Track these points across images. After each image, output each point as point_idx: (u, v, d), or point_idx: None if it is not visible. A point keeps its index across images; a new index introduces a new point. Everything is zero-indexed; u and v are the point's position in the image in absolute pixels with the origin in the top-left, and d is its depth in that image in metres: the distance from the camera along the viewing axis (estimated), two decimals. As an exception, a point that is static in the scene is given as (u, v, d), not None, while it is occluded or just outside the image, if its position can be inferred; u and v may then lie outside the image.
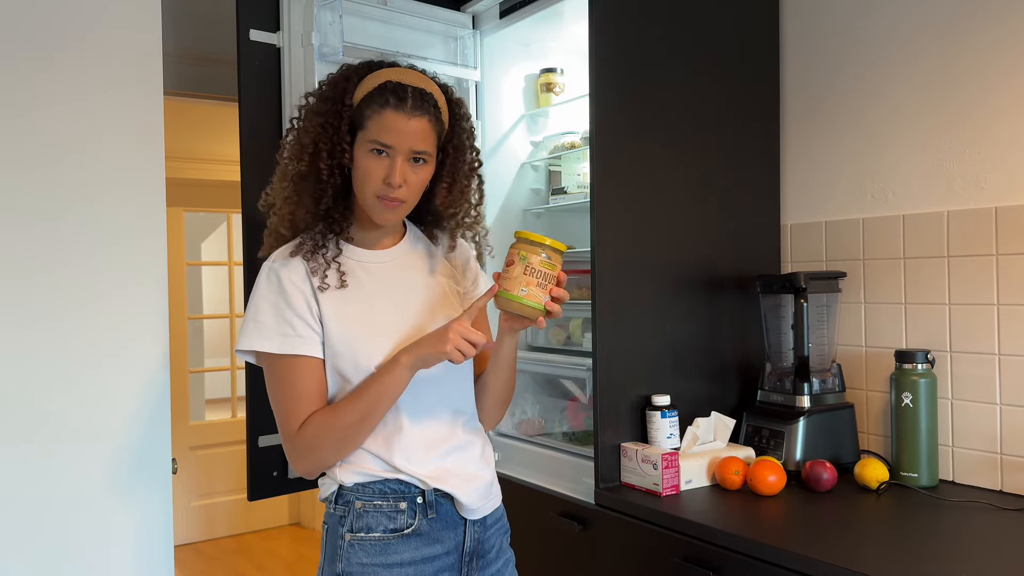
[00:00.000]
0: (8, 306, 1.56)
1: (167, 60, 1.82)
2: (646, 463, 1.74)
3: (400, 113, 1.29)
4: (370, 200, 1.32)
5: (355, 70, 1.36)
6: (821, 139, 2.05)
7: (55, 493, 1.59)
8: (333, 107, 1.32)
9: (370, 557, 1.28)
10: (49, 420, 1.59)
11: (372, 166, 1.30)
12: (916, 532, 1.48)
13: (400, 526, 1.29)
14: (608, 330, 1.80)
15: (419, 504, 1.31)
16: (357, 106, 1.32)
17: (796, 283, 1.87)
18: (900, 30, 1.89)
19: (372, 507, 1.29)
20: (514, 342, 1.39)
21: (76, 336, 1.61)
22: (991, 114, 1.74)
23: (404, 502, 1.30)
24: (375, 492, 1.30)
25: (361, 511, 1.29)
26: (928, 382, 1.73)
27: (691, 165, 1.94)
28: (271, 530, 4.81)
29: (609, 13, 1.80)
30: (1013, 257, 1.69)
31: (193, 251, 5.67)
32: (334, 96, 1.33)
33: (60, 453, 1.60)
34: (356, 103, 1.32)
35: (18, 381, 1.56)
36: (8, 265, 1.56)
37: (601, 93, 1.80)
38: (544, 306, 1.29)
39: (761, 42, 2.09)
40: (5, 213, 1.55)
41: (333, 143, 1.31)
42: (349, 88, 1.33)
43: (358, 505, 1.29)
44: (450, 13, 2.23)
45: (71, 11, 1.62)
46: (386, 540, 1.29)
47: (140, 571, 1.68)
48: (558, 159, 2.35)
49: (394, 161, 1.29)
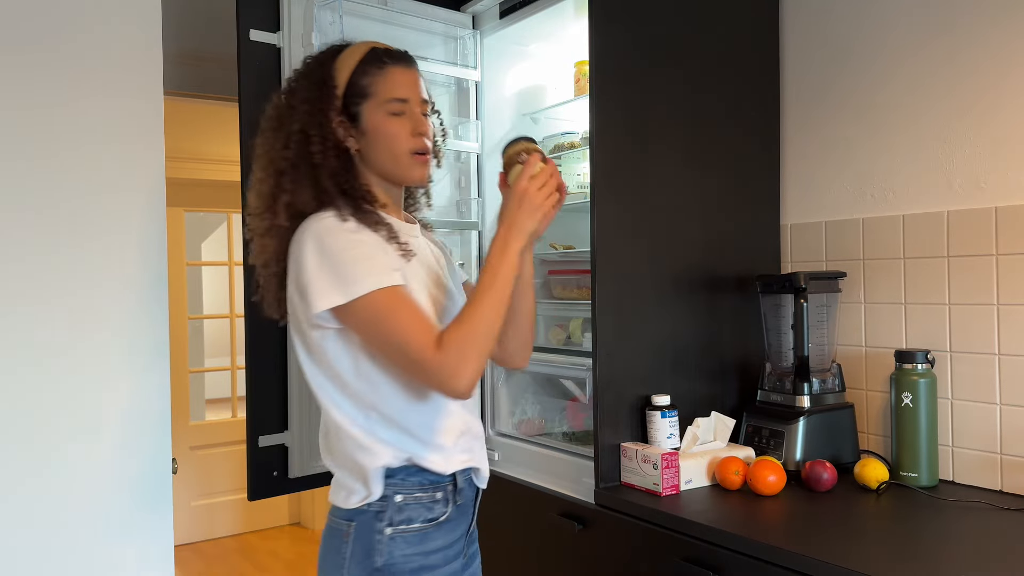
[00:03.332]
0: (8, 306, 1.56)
1: (167, 60, 1.82)
2: (646, 463, 1.74)
3: (402, 67, 1.34)
4: (405, 161, 1.34)
5: (326, 55, 1.36)
6: (821, 139, 2.05)
7: (55, 493, 1.59)
8: (318, 92, 1.31)
9: (412, 547, 1.28)
10: (49, 420, 1.59)
11: (396, 126, 1.32)
12: (916, 532, 1.48)
13: (436, 515, 1.31)
14: (608, 330, 1.80)
15: (450, 491, 1.33)
16: (349, 82, 1.32)
17: (796, 283, 1.87)
18: (900, 30, 1.89)
19: (412, 499, 1.29)
20: (531, 257, 1.41)
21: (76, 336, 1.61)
22: (991, 114, 1.74)
23: (440, 491, 1.32)
24: (414, 485, 1.30)
25: (402, 504, 1.28)
26: (928, 382, 1.73)
27: (691, 165, 1.94)
28: (271, 530, 4.81)
29: (609, 13, 1.80)
30: (1013, 257, 1.69)
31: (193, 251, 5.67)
32: (314, 82, 1.33)
33: (60, 453, 1.60)
34: (345, 81, 1.32)
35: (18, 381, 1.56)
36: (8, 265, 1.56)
37: (601, 93, 1.80)
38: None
39: (761, 42, 2.09)
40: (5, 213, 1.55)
41: (322, 125, 1.30)
42: (326, 72, 1.33)
43: (398, 499, 1.28)
44: (450, 13, 2.23)
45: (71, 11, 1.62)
46: (424, 530, 1.30)
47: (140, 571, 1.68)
48: (558, 159, 2.35)
49: (414, 113, 1.34)
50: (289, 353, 1.87)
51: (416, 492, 1.29)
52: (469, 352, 1.19)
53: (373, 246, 1.25)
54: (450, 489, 1.33)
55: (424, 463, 1.29)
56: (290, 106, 1.33)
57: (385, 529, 1.27)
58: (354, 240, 1.24)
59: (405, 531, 1.28)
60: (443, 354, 1.18)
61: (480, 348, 1.20)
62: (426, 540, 1.30)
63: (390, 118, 1.32)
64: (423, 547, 1.29)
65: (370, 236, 1.27)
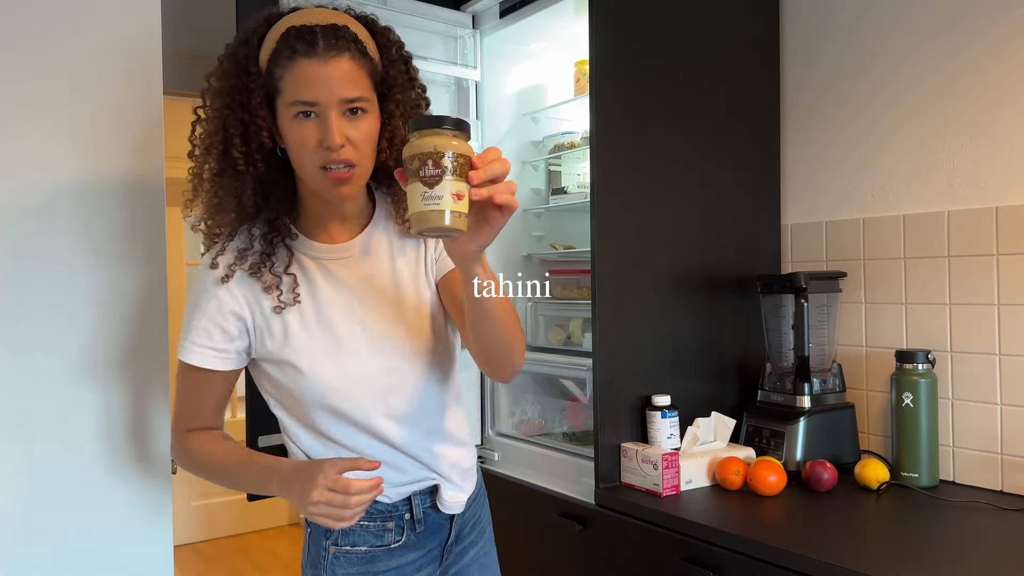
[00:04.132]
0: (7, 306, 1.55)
1: (167, 60, 1.82)
2: (646, 463, 1.74)
3: (313, 59, 1.06)
4: (315, 176, 1.10)
5: (253, 30, 1.13)
6: (821, 139, 2.05)
7: (54, 493, 1.59)
8: (237, 81, 1.10)
9: (355, 567, 1.21)
10: (48, 420, 1.59)
11: (303, 133, 1.08)
12: (916, 532, 1.48)
13: (387, 542, 1.23)
14: (608, 330, 1.80)
15: (406, 520, 1.24)
16: (267, 70, 1.10)
17: (796, 283, 1.87)
18: (900, 30, 1.89)
19: (358, 527, 1.21)
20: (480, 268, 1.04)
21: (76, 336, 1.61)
22: (991, 114, 1.74)
23: (391, 521, 1.23)
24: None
25: (347, 529, 1.20)
26: (928, 382, 1.73)
27: (691, 165, 1.94)
28: (271, 530, 4.81)
29: (609, 13, 1.80)
30: (1013, 257, 1.69)
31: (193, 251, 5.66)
32: (236, 68, 1.11)
33: (60, 453, 1.60)
34: (264, 67, 1.10)
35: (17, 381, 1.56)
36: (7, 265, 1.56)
37: (601, 93, 1.80)
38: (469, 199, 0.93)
39: (761, 42, 2.09)
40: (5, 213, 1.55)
41: (244, 123, 1.10)
42: (251, 53, 1.11)
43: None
44: (450, 13, 2.23)
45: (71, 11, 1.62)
46: (373, 553, 1.22)
47: (140, 571, 1.68)
48: (558, 159, 2.35)
49: (326, 119, 1.07)
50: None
51: (363, 520, 1.21)
52: (186, 466, 1.25)
53: (200, 311, 1.18)
54: (407, 518, 1.24)
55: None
56: (216, 93, 1.14)
57: (329, 547, 1.21)
58: (192, 298, 1.20)
59: (349, 552, 1.20)
60: (177, 447, 1.26)
61: (196, 471, 1.24)
62: (375, 561, 1.22)
63: (295, 121, 1.08)
64: (370, 567, 1.21)
65: (207, 298, 1.17)
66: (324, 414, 1.19)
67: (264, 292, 1.18)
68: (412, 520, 1.25)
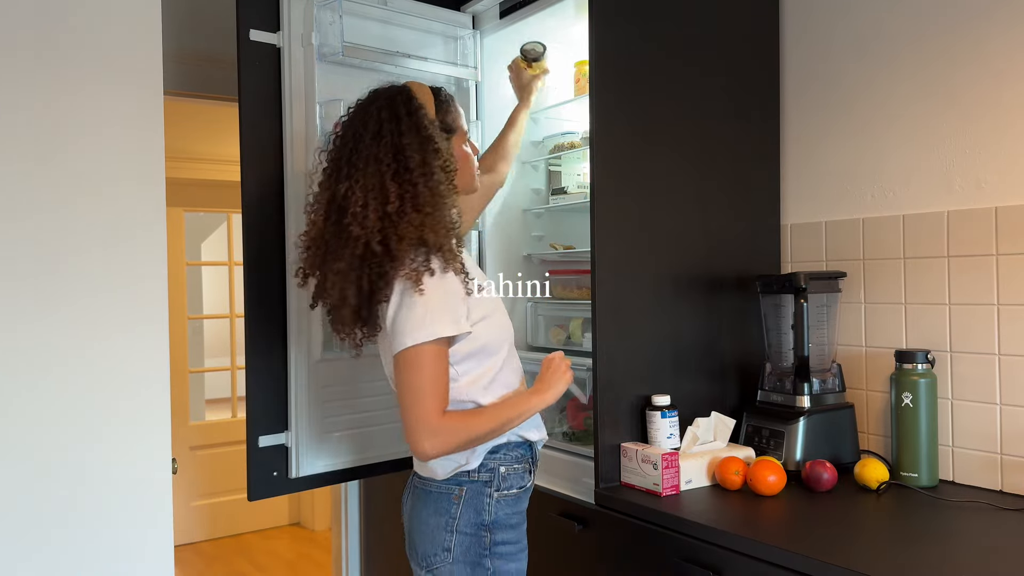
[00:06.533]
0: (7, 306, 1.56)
1: (167, 60, 1.82)
2: (646, 463, 1.74)
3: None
4: (476, 179, 1.69)
5: (412, 95, 1.54)
6: (821, 139, 2.05)
7: (55, 493, 1.59)
8: (434, 130, 1.51)
9: (511, 507, 1.55)
10: (48, 420, 1.59)
11: (469, 153, 1.68)
12: (916, 532, 1.48)
13: (525, 483, 1.59)
14: (608, 330, 1.80)
15: (533, 462, 1.61)
16: (442, 120, 1.59)
17: (796, 283, 1.87)
18: (900, 30, 1.89)
19: (512, 471, 1.55)
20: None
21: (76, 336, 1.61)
22: (991, 114, 1.74)
23: (529, 462, 1.60)
24: (514, 458, 1.56)
25: (506, 474, 1.54)
26: (928, 382, 1.73)
27: (691, 165, 1.94)
28: (271, 530, 4.81)
29: (609, 13, 1.80)
30: (1013, 257, 1.69)
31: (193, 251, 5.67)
32: (429, 119, 1.52)
33: (60, 453, 1.60)
34: (435, 119, 1.55)
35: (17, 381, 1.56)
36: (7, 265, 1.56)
37: (601, 93, 1.80)
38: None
39: (761, 42, 2.09)
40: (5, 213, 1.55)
41: (446, 159, 1.52)
42: (425, 111, 1.53)
43: (503, 470, 1.54)
44: (450, 13, 2.23)
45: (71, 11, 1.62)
46: (518, 495, 1.57)
47: (140, 571, 1.68)
48: (558, 159, 2.35)
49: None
50: (289, 353, 1.87)
51: (515, 464, 1.56)
52: (450, 445, 1.44)
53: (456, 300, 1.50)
54: (530, 460, 1.60)
55: (528, 435, 1.58)
56: (432, 137, 1.50)
57: (493, 493, 1.54)
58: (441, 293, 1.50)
59: (506, 495, 1.55)
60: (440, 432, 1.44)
61: (463, 443, 1.45)
62: (519, 502, 1.58)
63: (465, 146, 1.68)
64: (518, 507, 1.57)
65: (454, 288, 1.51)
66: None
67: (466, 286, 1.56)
68: (535, 460, 1.62)
